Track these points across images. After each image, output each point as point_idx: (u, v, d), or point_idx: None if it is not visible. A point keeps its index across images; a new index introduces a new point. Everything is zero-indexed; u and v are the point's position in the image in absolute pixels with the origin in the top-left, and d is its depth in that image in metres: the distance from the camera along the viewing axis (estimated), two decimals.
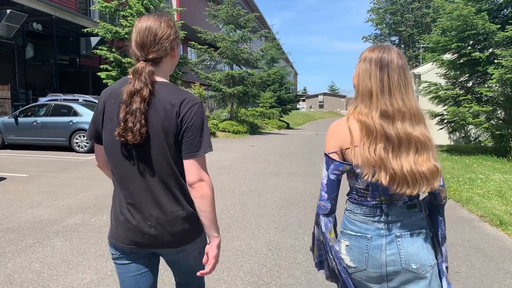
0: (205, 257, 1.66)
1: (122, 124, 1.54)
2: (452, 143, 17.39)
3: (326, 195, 1.64)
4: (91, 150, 11.61)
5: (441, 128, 13.95)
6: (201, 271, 1.68)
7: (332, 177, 1.62)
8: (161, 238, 1.62)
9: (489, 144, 13.08)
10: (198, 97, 1.67)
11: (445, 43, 12.87)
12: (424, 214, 1.69)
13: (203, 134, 1.59)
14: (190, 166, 1.58)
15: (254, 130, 23.94)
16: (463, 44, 12.65)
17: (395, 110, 1.53)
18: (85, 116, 11.73)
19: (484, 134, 13.33)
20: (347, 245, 1.65)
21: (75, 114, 11.82)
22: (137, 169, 1.61)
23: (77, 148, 11.67)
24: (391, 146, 1.53)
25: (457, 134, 16.55)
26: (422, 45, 41.07)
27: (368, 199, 1.62)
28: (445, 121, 13.70)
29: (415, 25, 52.95)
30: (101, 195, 6.58)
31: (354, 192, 1.66)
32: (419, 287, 1.59)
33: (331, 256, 1.68)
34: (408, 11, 52.96)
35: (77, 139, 11.69)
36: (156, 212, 1.61)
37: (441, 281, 1.66)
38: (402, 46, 52.75)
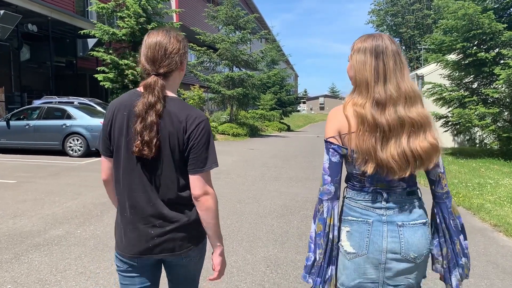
0: (212, 266, 1.77)
1: (139, 138, 1.57)
2: (456, 145, 17.02)
3: (329, 178, 1.63)
4: (85, 155, 11.25)
5: (445, 131, 13.57)
6: (210, 277, 1.79)
7: (334, 159, 1.62)
8: (164, 245, 1.67)
9: (495, 147, 12.71)
10: (203, 113, 1.70)
11: (450, 43, 12.49)
12: (423, 202, 1.70)
13: (209, 150, 1.65)
14: (195, 181, 1.64)
15: (254, 132, 23.57)
16: (468, 44, 12.28)
17: (387, 98, 1.55)
18: (79, 119, 11.37)
19: (490, 137, 12.96)
20: (348, 231, 1.64)
21: (69, 117, 11.45)
22: (142, 181, 1.65)
23: (71, 152, 11.29)
24: (381, 135, 1.54)
25: (461, 136, 16.17)
26: (423, 47, 40.80)
27: (367, 185, 1.63)
28: (450, 123, 13.33)
29: (416, 27, 52.57)
30: (90, 203, 6.21)
31: (352, 179, 1.67)
32: (413, 274, 1.63)
33: (321, 241, 1.65)
34: (409, 13, 52.59)
35: (70, 143, 11.31)
36: (158, 221, 1.65)
37: (451, 279, 1.69)
38: (403, 47, 52.36)
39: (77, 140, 11.26)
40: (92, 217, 5.48)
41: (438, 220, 1.69)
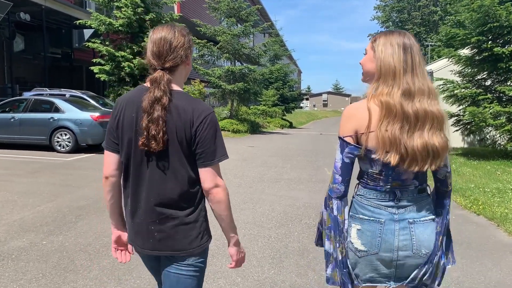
0: (231, 257, 1.80)
1: (145, 132, 1.58)
2: (466, 145, 16.27)
3: (340, 178, 1.64)
4: (73, 150, 10.57)
5: (456, 130, 12.84)
6: (228, 265, 1.85)
7: (347, 160, 1.63)
8: (163, 243, 1.66)
9: (510, 148, 11.95)
10: (210, 107, 1.70)
11: (464, 37, 11.71)
12: (431, 198, 1.74)
13: (216, 142, 1.65)
14: (205, 174, 1.64)
15: (255, 129, 22.83)
16: (483, 38, 11.51)
17: (416, 89, 1.58)
18: (68, 112, 10.67)
19: (504, 137, 12.19)
20: (358, 229, 1.66)
21: (57, 110, 10.75)
22: (149, 176, 1.65)
23: (58, 148, 10.61)
24: (407, 125, 1.56)
25: (471, 136, 15.41)
26: (430, 43, 39.95)
27: (381, 184, 1.64)
28: (461, 122, 12.59)
29: (422, 23, 51.71)
30: (66, 207, 5.53)
31: (366, 177, 1.67)
32: (425, 270, 1.66)
33: (338, 239, 1.67)
34: (415, 9, 51.72)
35: (58, 137, 10.62)
36: (160, 217, 1.65)
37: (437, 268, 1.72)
38: None
39: (65, 134, 10.57)
40: (64, 224, 4.81)
41: (436, 213, 1.75)
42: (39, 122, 10.68)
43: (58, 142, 10.64)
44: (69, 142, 10.57)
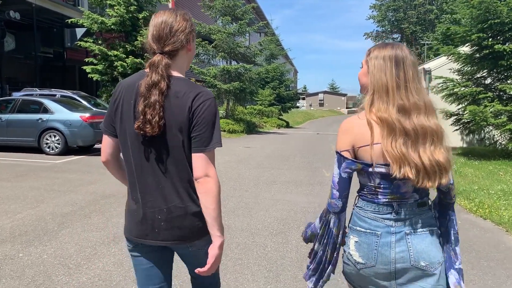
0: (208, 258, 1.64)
1: (141, 116, 1.55)
2: (465, 145, 16.01)
3: (337, 193, 1.63)
4: (63, 152, 10.22)
5: (456, 130, 12.57)
6: (199, 269, 1.64)
7: (344, 175, 1.62)
8: (170, 232, 1.63)
9: (511, 147, 11.69)
10: (211, 92, 1.67)
11: (464, 34, 11.44)
12: (434, 213, 1.70)
13: (213, 129, 1.60)
14: (197, 160, 1.58)
15: (251, 129, 22.51)
16: (484, 35, 11.24)
17: (411, 104, 1.55)
18: (57, 113, 10.31)
19: (505, 136, 11.92)
20: (356, 241, 1.64)
21: (46, 111, 10.39)
22: (151, 163, 1.62)
23: (47, 150, 10.25)
24: (409, 140, 1.54)
25: (471, 135, 15.15)
26: (427, 42, 39.74)
27: (379, 197, 1.62)
28: (461, 121, 12.32)
29: (418, 22, 51.49)
30: (49, 214, 5.20)
31: (365, 190, 1.66)
32: (428, 284, 1.59)
33: (328, 249, 1.69)
34: (411, 8, 51.50)
35: (47, 139, 10.26)
36: (166, 207, 1.62)
37: (447, 278, 1.65)
38: (404, 43, 51.27)
39: (54, 136, 10.22)
40: (45, 234, 4.48)
41: (438, 224, 1.71)
42: (27, 123, 10.32)
43: (47, 143, 10.28)
44: (59, 143, 10.22)
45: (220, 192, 1.61)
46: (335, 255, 1.70)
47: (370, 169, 1.58)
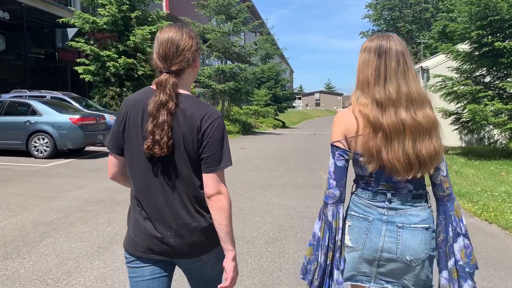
0: (224, 273, 1.67)
1: (150, 136, 1.56)
2: (463, 144, 15.81)
3: (334, 182, 1.64)
4: (52, 155, 9.89)
5: (455, 129, 12.34)
6: (221, 285, 1.66)
7: (339, 163, 1.63)
8: (178, 248, 1.63)
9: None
10: (218, 111, 1.67)
11: (463, 31, 11.20)
12: (431, 207, 1.68)
13: (223, 148, 1.62)
14: (209, 180, 1.59)
15: (247, 129, 22.22)
16: (483, 32, 11.01)
17: (386, 98, 1.55)
18: (46, 115, 9.98)
19: (505, 135, 11.70)
20: (349, 225, 1.68)
21: (34, 113, 10.06)
22: (159, 180, 1.62)
23: (36, 153, 9.92)
24: (384, 136, 1.55)
25: (469, 135, 14.94)
26: (422, 41, 39.57)
27: (373, 185, 1.64)
28: (461, 120, 12.09)
29: (414, 21, 51.40)
30: (32, 223, 4.90)
31: (359, 180, 1.69)
32: (408, 277, 1.62)
33: (329, 250, 1.66)
34: (407, 6, 51.39)
35: (35, 142, 9.93)
36: (175, 224, 1.62)
37: (439, 279, 1.68)
38: None
39: (43, 139, 9.89)
40: (25, 245, 4.18)
41: (437, 222, 1.69)
42: (14, 125, 9.98)
43: (35, 147, 9.95)
44: (47, 146, 9.89)
45: (231, 208, 1.63)
46: (337, 255, 1.67)
47: (360, 159, 1.60)
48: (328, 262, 1.67)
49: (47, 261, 3.78)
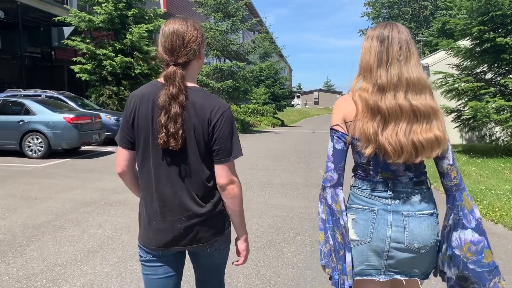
0: (237, 252, 1.82)
1: (164, 130, 1.56)
2: (464, 142, 15.64)
3: (332, 165, 1.64)
4: (46, 155, 9.70)
5: (457, 126, 12.17)
6: (236, 262, 1.82)
7: (338, 146, 1.63)
8: (190, 237, 1.67)
9: None
10: (226, 103, 1.71)
11: (465, 27, 11.01)
12: (432, 193, 1.68)
13: (233, 139, 1.65)
14: (221, 171, 1.64)
15: (245, 128, 22.03)
16: (485, 28, 10.82)
17: (388, 82, 1.55)
18: (39, 114, 9.78)
19: (507, 132, 11.52)
20: (353, 219, 1.65)
21: (27, 112, 9.85)
22: (170, 172, 1.64)
23: (30, 153, 9.72)
24: (382, 119, 1.54)
25: (470, 132, 14.77)
26: (422, 38, 39.39)
27: (372, 173, 1.63)
28: (462, 118, 11.91)
29: (413, 19, 51.19)
30: (20, 225, 4.71)
31: (358, 168, 1.68)
32: (415, 265, 1.63)
33: (336, 231, 1.63)
34: (406, 4, 51.18)
35: (29, 142, 9.73)
36: (185, 215, 1.65)
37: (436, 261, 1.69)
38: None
39: (37, 138, 9.69)
40: (11, 250, 3.99)
41: (446, 212, 1.67)
42: (7, 125, 9.78)
43: (29, 147, 9.75)
44: (41, 146, 9.69)
45: (242, 195, 1.71)
46: (346, 236, 1.63)
47: (357, 144, 1.59)
48: (338, 242, 1.65)
49: (33, 267, 3.59)
